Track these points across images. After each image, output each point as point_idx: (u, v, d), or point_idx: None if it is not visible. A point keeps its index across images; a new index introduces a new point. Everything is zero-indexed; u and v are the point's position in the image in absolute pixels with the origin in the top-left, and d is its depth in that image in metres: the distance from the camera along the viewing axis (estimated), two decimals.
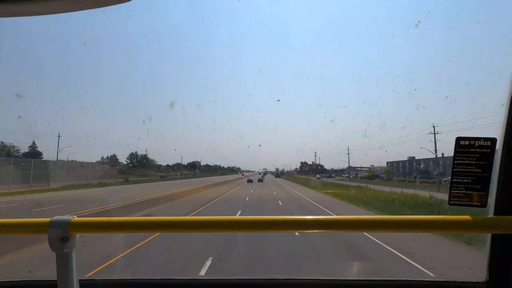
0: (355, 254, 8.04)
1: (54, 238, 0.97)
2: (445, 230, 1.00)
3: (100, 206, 14.33)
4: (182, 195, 22.90)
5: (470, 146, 0.98)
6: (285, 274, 1.35)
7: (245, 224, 1.03)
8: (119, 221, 1.04)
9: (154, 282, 1.34)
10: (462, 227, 0.98)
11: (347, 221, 1.00)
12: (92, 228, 1.05)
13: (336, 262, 7.30)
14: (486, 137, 0.98)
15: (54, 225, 0.98)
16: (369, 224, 1.01)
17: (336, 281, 1.28)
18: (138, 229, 1.04)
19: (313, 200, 21.00)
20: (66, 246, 0.97)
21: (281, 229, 1.06)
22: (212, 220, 1.02)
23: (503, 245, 1.12)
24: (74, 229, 0.98)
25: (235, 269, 6.66)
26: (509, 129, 1.08)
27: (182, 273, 6.36)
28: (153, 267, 6.82)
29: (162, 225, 1.03)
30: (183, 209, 16.42)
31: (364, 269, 6.78)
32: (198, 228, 1.07)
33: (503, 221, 0.96)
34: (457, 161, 0.99)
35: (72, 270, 0.99)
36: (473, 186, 0.98)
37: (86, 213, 12.09)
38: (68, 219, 0.99)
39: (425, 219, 0.98)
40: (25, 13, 0.78)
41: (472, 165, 0.98)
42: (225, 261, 7.07)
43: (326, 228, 1.04)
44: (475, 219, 0.95)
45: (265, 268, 6.64)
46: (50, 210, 14.87)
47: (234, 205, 18.55)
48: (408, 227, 1.00)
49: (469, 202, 0.99)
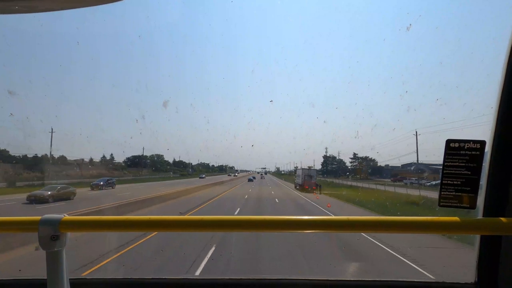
0: (348, 253, 8.10)
1: (45, 236, 0.95)
2: (434, 231, 1.01)
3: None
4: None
5: (460, 148, 1.00)
6: (279, 274, 1.35)
7: (241, 224, 1.03)
8: (111, 220, 1.04)
9: (146, 281, 1.33)
10: (452, 229, 1.00)
11: (341, 221, 1.01)
12: (83, 226, 1.04)
13: (328, 262, 7.34)
14: (475, 140, 0.99)
15: (45, 223, 0.97)
16: (362, 225, 1.02)
17: (329, 282, 1.29)
18: (130, 228, 1.04)
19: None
20: (57, 245, 0.96)
21: (277, 229, 1.06)
22: (206, 220, 1.02)
23: (491, 246, 1.14)
24: (64, 228, 0.97)
25: (228, 268, 6.65)
26: (498, 131, 1.10)
27: (174, 273, 6.32)
28: (145, 267, 6.77)
29: (155, 224, 1.03)
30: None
31: (354, 269, 6.83)
32: (192, 227, 1.06)
33: (491, 223, 0.98)
34: (447, 163, 1.01)
35: (62, 269, 0.98)
36: (462, 188, 1.00)
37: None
38: (59, 217, 0.98)
39: (415, 220, 0.99)
40: (18, 11, 0.77)
41: (462, 167, 1.00)
42: (219, 261, 7.06)
43: (321, 229, 1.05)
44: (464, 220, 0.96)
45: (258, 268, 6.65)
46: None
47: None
48: (399, 228, 1.02)
49: (459, 204, 1.01)
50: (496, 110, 1.11)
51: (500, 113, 1.10)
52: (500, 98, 1.10)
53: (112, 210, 13.37)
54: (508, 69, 1.08)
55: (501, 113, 1.10)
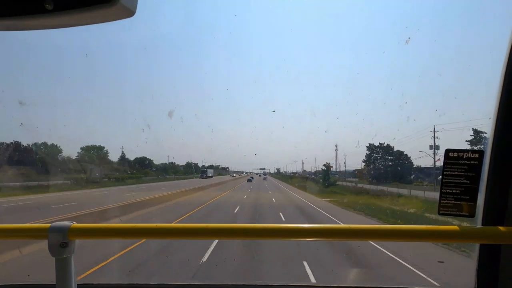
0: (349, 259, 8.04)
1: (54, 243, 0.98)
2: (434, 240, 1.03)
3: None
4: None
5: (458, 158, 1.01)
6: (279, 280, 1.36)
7: (241, 231, 1.05)
8: (118, 227, 1.07)
9: (150, 286, 1.35)
10: (451, 237, 1.00)
11: (342, 230, 1.02)
12: (92, 234, 1.07)
13: (330, 267, 7.28)
14: (474, 149, 1.01)
15: (54, 230, 1.00)
16: (361, 233, 1.03)
17: (330, 287, 1.30)
18: (136, 235, 1.06)
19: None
20: (66, 252, 0.99)
21: (277, 237, 1.07)
22: (207, 228, 1.04)
23: (490, 255, 1.15)
24: (73, 235, 1.00)
25: (228, 274, 6.64)
26: (496, 141, 1.11)
27: (179, 278, 6.33)
28: (149, 272, 6.79)
29: (160, 231, 1.05)
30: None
31: (356, 275, 6.77)
32: (195, 235, 1.09)
33: (490, 232, 0.99)
34: (446, 172, 1.02)
35: (71, 275, 1.01)
36: (461, 197, 1.01)
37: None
38: (67, 225, 1.01)
39: (415, 228, 1.00)
40: (27, 27, 0.79)
41: (461, 176, 1.01)
42: (219, 266, 7.07)
43: (322, 237, 1.06)
44: (464, 229, 0.98)
45: (258, 273, 6.62)
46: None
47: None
48: (398, 237, 1.03)
49: (458, 212, 1.02)
50: (494, 120, 1.12)
51: (498, 122, 1.11)
52: (498, 108, 1.11)
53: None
54: (506, 78, 1.09)
55: (499, 123, 1.11)
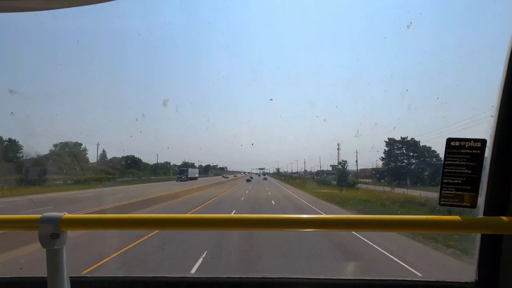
0: (347, 253, 8.11)
1: (45, 234, 0.95)
2: (435, 230, 1.01)
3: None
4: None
5: (460, 147, 0.99)
6: (277, 272, 1.35)
7: (239, 222, 1.03)
8: (111, 218, 1.03)
9: (146, 279, 1.33)
10: (452, 227, 0.99)
11: (340, 220, 1.01)
12: (83, 224, 1.03)
13: (327, 261, 7.35)
14: (476, 138, 0.98)
15: (45, 221, 0.96)
16: (361, 224, 1.02)
17: (328, 280, 1.29)
18: (130, 226, 1.03)
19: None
20: (57, 243, 0.96)
21: (275, 228, 1.05)
22: (205, 218, 1.02)
23: (492, 246, 1.14)
24: (65, 226, 0.97)
25: (226, 267, 6.66)
26: (499, 130, 1.09)
27: (173, 271, 6.33)
28: (146, 265, 6.78)
29: (154, 222, 1.02)
30: None
31: (355, 268, 6.84)
32: (192, 225, 1.06)
33: (492, 222, 0.98)
34: (447, 161, 1.00)
35: (63, 267, 0.98)
36: (463, 187, 0.99)
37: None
38: (59, 216, 0.98)
39: (415, 219, 0.99)
40: (18, 9, 0.77)
41: (463, 166, 0.99)
42: (217, 260, 7.07)
43: (319, 227, 1.05)
44: (465, 219, 0.96)
45: (257, 266, 6.65)
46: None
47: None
48: (398, 227, 1.01)
49: (459, 203, 1.00)
50: (498, 109, 1.10)
51: (501, 111, 1.09)
52: (502, 97, 1.09)
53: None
54: (509, 67, 1.07)
55: (502, 112, 1.09)
